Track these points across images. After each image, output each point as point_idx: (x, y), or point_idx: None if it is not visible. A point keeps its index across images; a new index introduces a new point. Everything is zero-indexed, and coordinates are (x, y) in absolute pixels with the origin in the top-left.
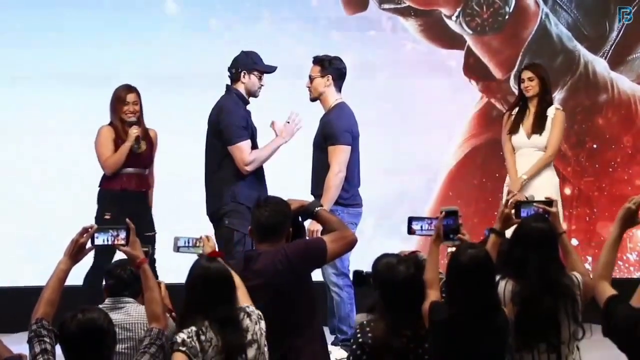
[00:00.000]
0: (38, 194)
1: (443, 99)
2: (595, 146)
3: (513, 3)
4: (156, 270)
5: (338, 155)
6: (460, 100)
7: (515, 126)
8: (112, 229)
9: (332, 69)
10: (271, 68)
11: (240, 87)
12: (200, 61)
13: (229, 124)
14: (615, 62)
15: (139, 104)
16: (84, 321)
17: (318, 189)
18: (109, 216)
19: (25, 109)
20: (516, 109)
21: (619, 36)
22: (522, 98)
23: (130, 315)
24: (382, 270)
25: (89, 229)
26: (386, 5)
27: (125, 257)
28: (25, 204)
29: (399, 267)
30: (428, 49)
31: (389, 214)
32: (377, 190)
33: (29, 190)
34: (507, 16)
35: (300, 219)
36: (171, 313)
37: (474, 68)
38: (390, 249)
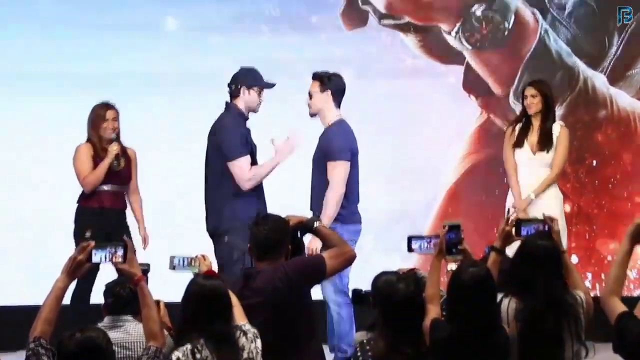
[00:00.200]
0: (38, 203)
1: (443, 114)
2: (594, 163)
3: (512, 19)
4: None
5: (337, 171)
6: (460, 116)
7: (520, 141)
8: (110, 245)
9: (332, 85)
10: (270, 84)
11: (240, 103)
12: (199, 76)
13: (228, 140)
14: (615, 78)
15: (117, 121)
16: (82, 340)
17: (317, 205)
18: (89, 234)
19: (25, 109)
20: (519, 125)
21: (618, 51)
22: (526, 114)
23: (129, 333)
24: (382, 288)
25: (87, 246)
26: (386, 21)
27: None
28: (25, 219)
29: (399, 285)
30: (428, 64)
31: (388, 230)
32: (377, 206)
33: (29, 202)
34: (507, 32)
35: (299, 235)
36: (170, 331)
37: (473, 83)
38: (389, 266)
